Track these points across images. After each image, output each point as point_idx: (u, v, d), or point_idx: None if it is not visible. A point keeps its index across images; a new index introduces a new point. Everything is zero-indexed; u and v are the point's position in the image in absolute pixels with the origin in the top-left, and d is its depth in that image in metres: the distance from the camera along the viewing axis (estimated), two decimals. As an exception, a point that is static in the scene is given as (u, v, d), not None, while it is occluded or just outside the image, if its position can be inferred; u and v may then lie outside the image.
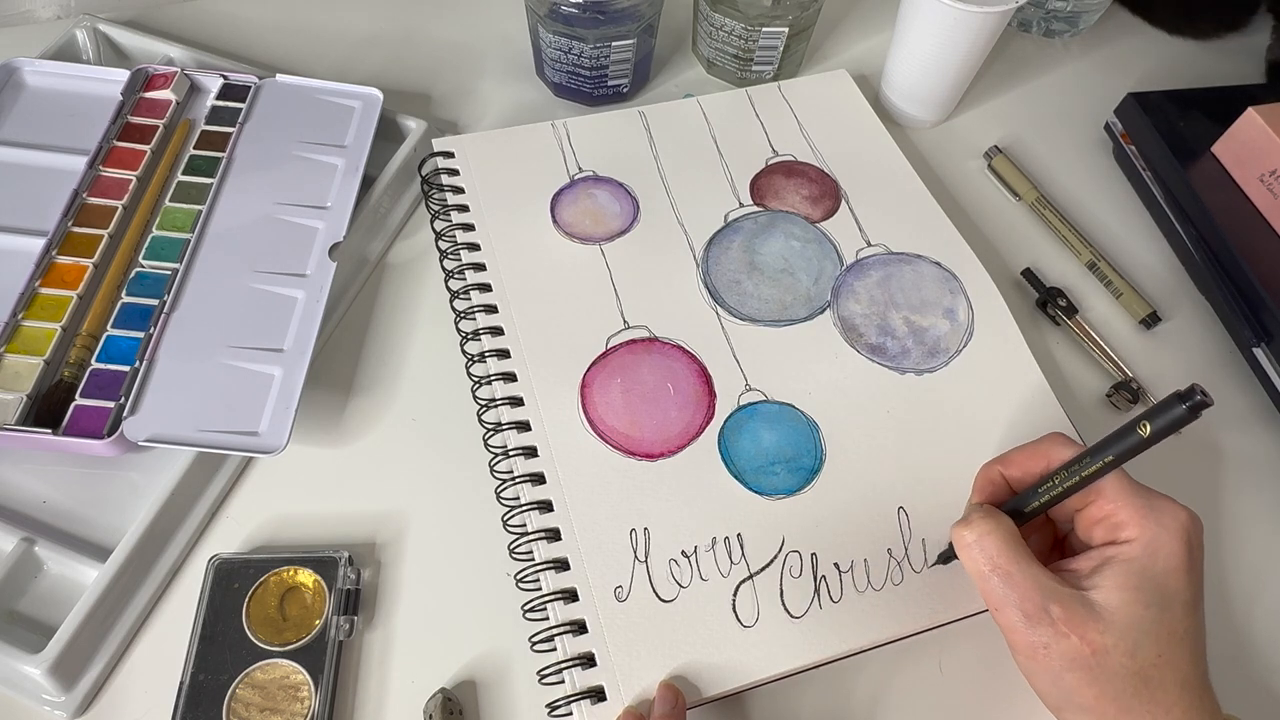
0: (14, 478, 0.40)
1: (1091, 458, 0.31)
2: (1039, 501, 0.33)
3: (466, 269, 0.46)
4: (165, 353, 0.41)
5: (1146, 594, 0.31)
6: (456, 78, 0.58)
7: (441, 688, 0.36)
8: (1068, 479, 0.32)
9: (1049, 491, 0.33)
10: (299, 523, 0.40)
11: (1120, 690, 0.30)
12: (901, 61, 0.55)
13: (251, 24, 0.60)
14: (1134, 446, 0.30)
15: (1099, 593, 0.31)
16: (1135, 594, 0.31)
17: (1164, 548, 0.31)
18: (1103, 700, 0.30)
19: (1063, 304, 0.48)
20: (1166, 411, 0.29)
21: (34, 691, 0.35)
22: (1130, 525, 0.32)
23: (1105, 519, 0.33)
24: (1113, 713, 0.30)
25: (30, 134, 0.48)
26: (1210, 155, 0.51)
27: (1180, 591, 0.31)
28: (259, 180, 0.47)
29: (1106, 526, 0.33)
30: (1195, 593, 0.31)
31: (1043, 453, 0.35)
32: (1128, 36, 0.65)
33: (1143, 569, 0.31)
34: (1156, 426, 0.29)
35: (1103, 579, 0.31)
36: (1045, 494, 0.33)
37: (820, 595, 0.37)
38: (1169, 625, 0.30)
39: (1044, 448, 0.35)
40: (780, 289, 0.46)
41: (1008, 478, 0.36)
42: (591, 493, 0.39)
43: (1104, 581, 0.31)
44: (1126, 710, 0.30)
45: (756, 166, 0.51)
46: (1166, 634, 0.30)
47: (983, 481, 0.37)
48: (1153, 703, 0.30)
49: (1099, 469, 0.31)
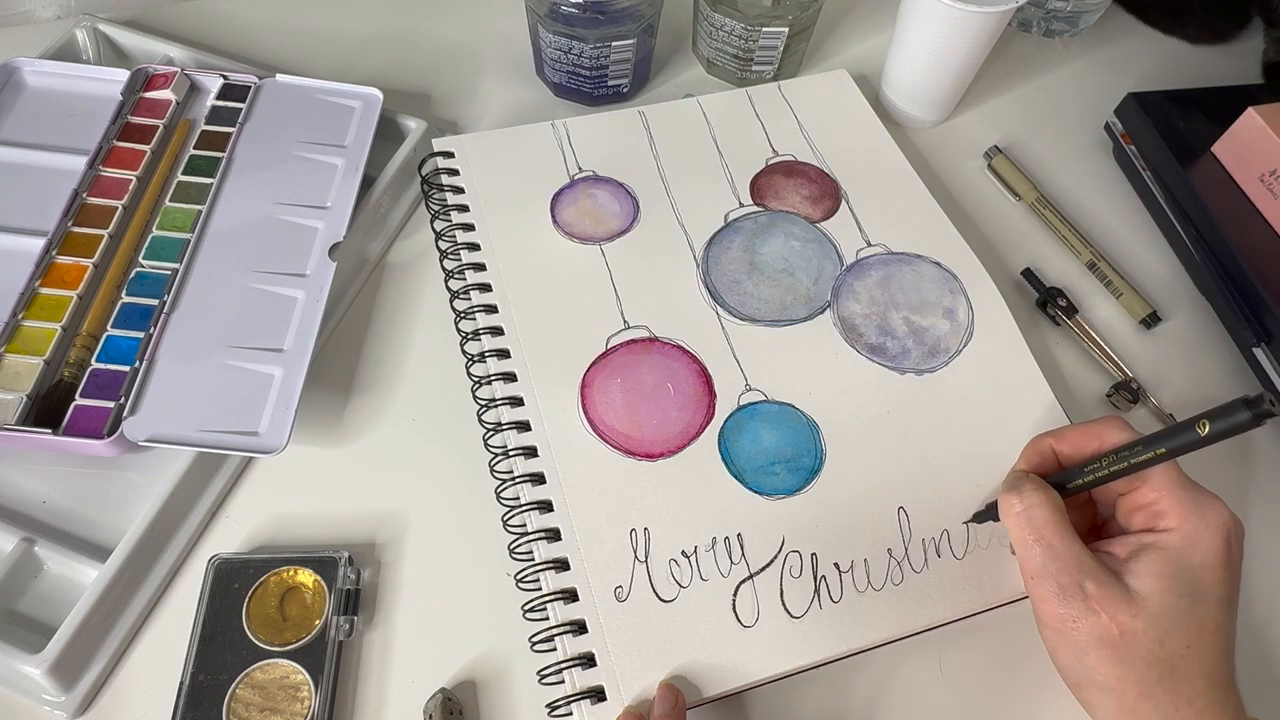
0: (14, 478, 0.40)
1: (1144, 446, 0.32)
2: (1083, 480, 0.34)
3: (466, 269, 0.46)
4: (165, 353, 0.41)
5: (1180, 584, 0.31)
6: (456, 78, 0.58)
7: (441, 688, 0.36)
8: (1116, 463, 0.32)
9: (1095, 472, 0.33)
10: (299, 523, 0.40)
11: (1143, 675, 0.30)
12: (901, 61, 0.55)
13: (251, 24, 0.60)
14: (1189, 443, 0.30)
15: (1134, 578, 0.31)
16: (1169, 582, 0.31)
17: (1203, 542, 0.31)
18: (1124, 682, 0.30)
19: (1063, 304, 0.48)
20: (1229, 415, 0.28)
21: (34, 691, 0.35)
22: (1171, 515, 0.32)
23: (1147, 506, 0.33)
24: (1133, 696, 0.30)
25: (30, 134, 0.48)
26: (1210, 155, 0.51)
27: (1214, 586, 0.31)
28: (259, 180, 0.47)
29: (1147, 514, 0.33)
30: (1230, 590, 0.32)
31: (1097, 433, 0.35)
32: (1128, 36, 0.65)
33: (1179, 559, 0.31)
34: (1216, 428, 0.29)
35: (1138, 565, 0.32)
36: (1091, 474, 0.33)
37: (820, 595, 0.37)
38: (1200, 618, 0.31)
39: (1099, 428, 0.35)
40: (780, 289, 0.46)
41: (1058, 452, 0.36)
42: (591, 493, 0.39)
43: (1139, 567, 0.31)
44: (1147, 696, 0.30)
45: (756, 166, 0.51)
46: (1197, 626, 0.31)
47: (1031, 452, 0.37)
48: (1176, 692, 0.30)
49: (1149, 459, 0.31)
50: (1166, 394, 0.46)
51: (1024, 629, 0.38)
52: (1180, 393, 0.47)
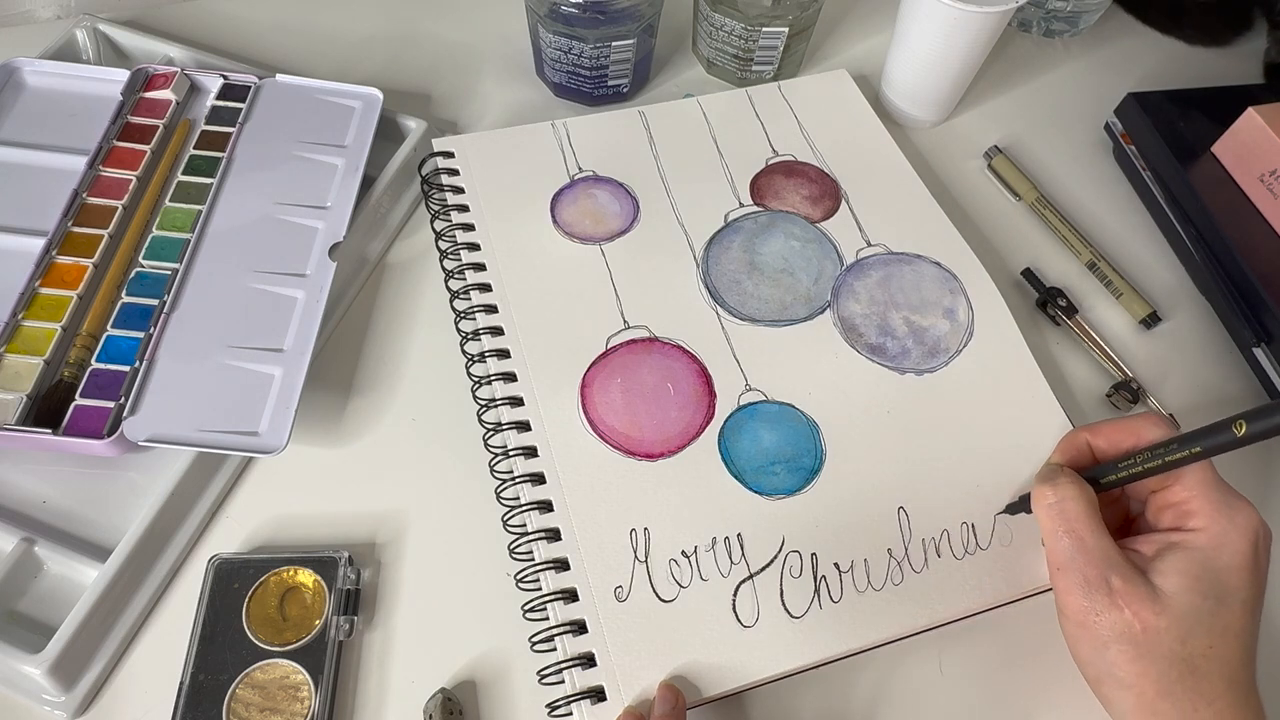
0: (14, 478, 0.40)
1: (1179, 445, 0.31)
2: (1117, 476, 0.34)
3: (466, 269, 0.46)
4: (165, 353, 0.41)
5: (1205, 585, 0.31)
6: (456, 78, 0.58)
7: (441, 688, 0.36)
8: (1150, 460, 0.32)
9: (1129, 469, 0.33)
10: (299, 523, 0.40)
11: (1163, 673, 0.30)
12: (901, 61, 0.55)
13: (251, 24, 0.60)
14: (1224, 444, 0.30)
15: (1159, 576, 0.31)
16: (1195, 582, 0.31)
17: (1230, 544, 0.31)
18: (1144, 679, 0.30)
19: (1063, 304, 0.48)
20: (1267, 417, 0.28)
21: (34, 691, 0.35)
22: (1200, 515, 0.32)
23: (1177, 505, 0.33)
24: (1152, 693, 0.30)
25: (30, 134, 0.48)
26: (1210, 155, 0.51)
27: (1240, 589, 0.31)
28: (259, 180, 0.47)
29: (1177, 512, 0.33)
30: (1255, 594, 0.32)
31: (1133, 429, 0.35)
32: (1128, 36, 0.65)
33: (1205, 560, 0.31)
34: (1253, 429, 0.29)
35: (1164, 563, 0.32)
36: (1125, 470, 0.34)
37: (820, 595, 0.37)
38: (1224, 620, 0.31)
39: (1136, 425, 0.35)
40: (780, 289, 0.46)
41: (1093, 446, 0.37)
42: (591, 493, 0.39)
43: (1165, 566, 0.32)
44: (1166, 694, 0.30)
45: (756, 166, 0.51)
46: (1220, 628, 0.31)
47: (1067, 445, 0.37)
48: (1196, 692, 0.30)
49: (1183, 458, 0.31)
50: (1166, 394, 0.46)
51: (1024, 629, 0.38)
52: (1180, 393, 0.47)
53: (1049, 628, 0.38)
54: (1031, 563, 0.38)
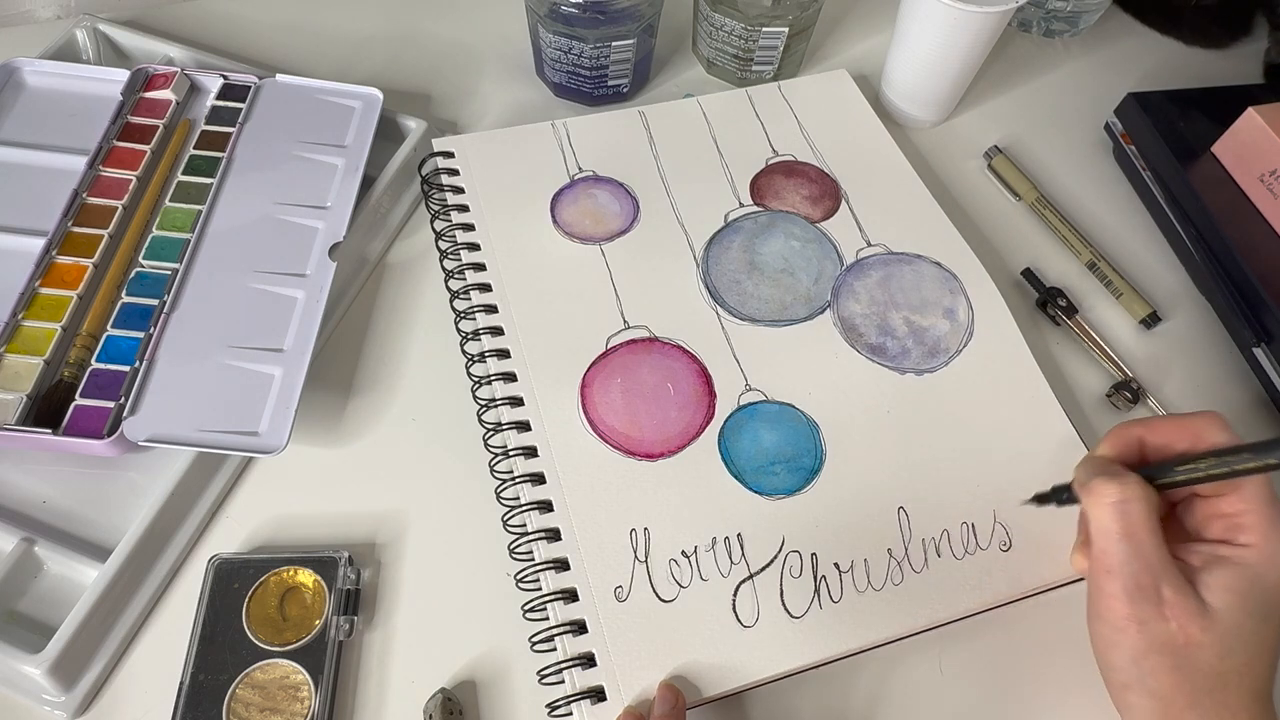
0: (14, 478, 0.40)
1: (1252, 454, 0.29)
2: (1175, 478, 0.32)
3: (466, 269, 0.46)
4: (165, 353, 0.41)
5: (1252, 603, 0.30)
6: (456, 78, 0.58)
7: (441, 688, 0.36)
8: (1216, 467, 0.30)
9: (1190, 473, 0.31)
10: (299, 523, 0.40)
11: (1197, 686, 0.30)
12: (901, 61, 0.55)
13: (251, 24, 0.60)
14: None
15: (1207, 590, 0.31)
16: (1242, 600, 0.30)
17: None
18: (1177, 691, 0.30)
19: (1063, 304, 0.48)
20: None
21: (34, 691, 0.35)
22: (1253, 531, 0.31)
23: (1229, 517, 0.32)
24: (1181, 704, 0.30)
25: (30, 134, 0.48)
26: (1210, 155, 0.51)
27: None
28: (259, 180, 0.47)
29: (1227, 524, 0.32)
30: None
31: (1193, 430, 0.33)
32: (1127, 36, 0.65)
33: (1255, 577, 0.31)
34: None
35: (1212, 577, 0.31)
36: (1185, 474, 0.31)
37: (820, 595, 0.37)
38: (1263, 636, 0.30)
39: (1196, 425, 0.33)
40: (780, 289, 0.46)
41: (1146, 443, 0.34)
42: (591, 493, 0.39)
43: (1214, 581, 0.31)
44: (1194, 705, 0.30)
45: (756, 166, 0.51)
46: (1258, 645, 0.30)
47: (1117, 438, 0.35)
48: (1223, 705, 0.30)
49: (1256, 468, 0.29)
50: (1166, 394, 0.46)
51: (1024, 629, 0.38)
52: (1180, 393, 0.47)
53: (1049, 627, 0.38)
54: (1031, 563, 0.38)
